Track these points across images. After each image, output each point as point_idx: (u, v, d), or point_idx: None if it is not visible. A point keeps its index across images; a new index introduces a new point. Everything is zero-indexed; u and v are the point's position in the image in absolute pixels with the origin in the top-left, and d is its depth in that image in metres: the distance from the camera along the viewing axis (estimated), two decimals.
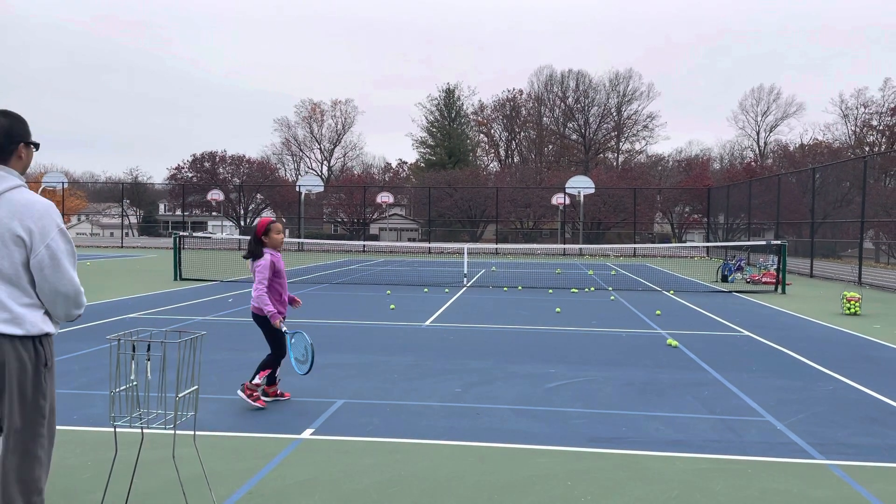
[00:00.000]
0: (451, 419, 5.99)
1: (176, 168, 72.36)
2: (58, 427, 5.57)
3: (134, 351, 3.28)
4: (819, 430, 5.81)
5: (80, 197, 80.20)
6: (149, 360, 3.27)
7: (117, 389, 3.28)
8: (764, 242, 20.85)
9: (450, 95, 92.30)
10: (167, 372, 3.64)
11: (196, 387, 3.41)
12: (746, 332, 11.16)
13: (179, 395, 3.28)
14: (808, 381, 7.68)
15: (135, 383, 3.37)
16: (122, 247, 43.13)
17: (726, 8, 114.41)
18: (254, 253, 6.28)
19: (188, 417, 3.60)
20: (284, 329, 6.16)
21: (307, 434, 5.48)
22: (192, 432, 4.51)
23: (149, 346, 3.34)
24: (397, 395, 6.81)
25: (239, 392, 6.25)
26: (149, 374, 3.21)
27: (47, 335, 3.07)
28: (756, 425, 5.94)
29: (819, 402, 6.79)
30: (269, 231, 6.33)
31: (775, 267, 21.21)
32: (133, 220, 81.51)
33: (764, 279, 20.43)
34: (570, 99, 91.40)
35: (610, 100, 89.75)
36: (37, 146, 3.22)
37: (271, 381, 6.42)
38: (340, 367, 8.07)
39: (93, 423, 5.73)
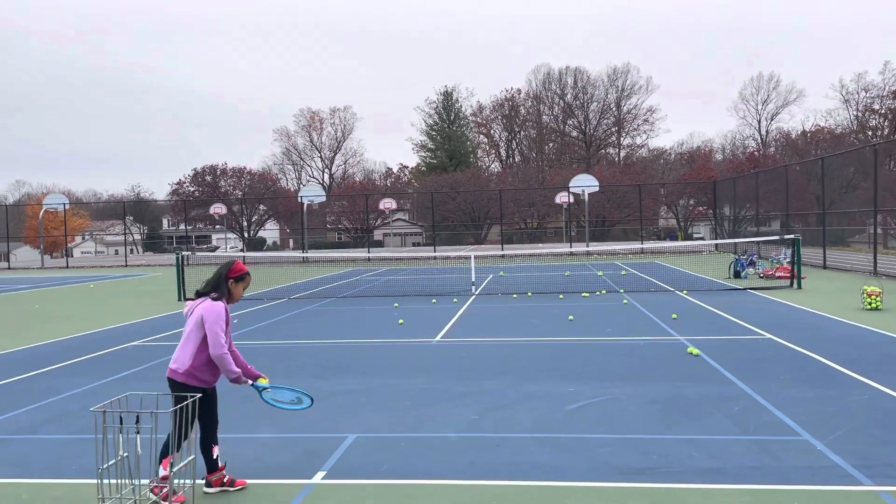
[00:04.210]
0: (470, 452, 5.65)
1: (178, 183, 72.25)
2: (53, 480, 5.27)
3: (122, 423, 2.95)
4: (862, 449, 5.45)
5: (82, 216, 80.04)
6: (138, 432, 2.95)
7: (105, 465, 2.96)
8: (777, 238, 20.44)
9: (448, 98, 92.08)
10: (158, 439, 3.31)
11: (192, 457, 3.08)
12: (768, 335, 10.80)
13: (175, 469, 2.95)
14: (840, 390, 7.32)
15: (125, 455, 3.05)
16: (126, 265, 42.90)
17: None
18: (216, 291, 4.89)
19: (187, 487, 3.27)
20: (251, 383, 4.82)
21: (319, 478, 5.14)
22: (191, 489, 4.16)
23: (137, 417, 3.02)
24: (411, 425, 6.48)
25: (149, 493, 4.40)
26: (139, 449, 2.89)
27: None
28: (794, 446, 5.59)
29: (856, 414, 6.43)
30: (242, 279, 5.00)
31: (788, 260, 20.82)
32: (137, 236, 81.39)
33: (777, 274, 20.03)
34: (568, 96, 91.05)
35: (609, 95, 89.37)
36: None
37: (213, 466, 4.76)
38: (350, 394, 7.74)
39: (93, 473, 5.37)
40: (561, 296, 17.33)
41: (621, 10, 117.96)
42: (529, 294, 17.99)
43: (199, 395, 3.72)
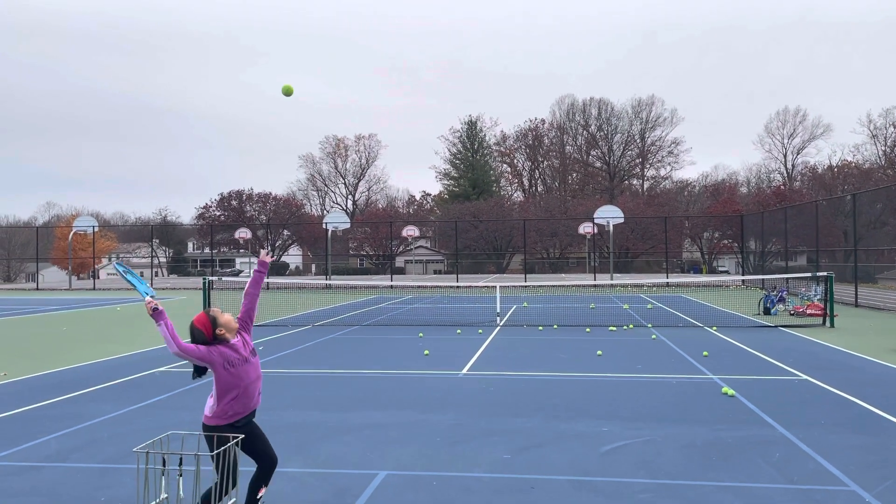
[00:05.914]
0: (504, 496, 5.51)
1: (204, 207, 73.18)
2: None
3: (165, 465, 2.90)
4: None
5: (110, 238, 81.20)
6: (181, 475, 2.89)
7: None
8: (809, 274, 20.09)
9: (472, 127, 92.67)
10: (201, 484, 3.24)
11: (234, 500, 3.01)
12: (804, 376, 10.53)
13: None
14: (885, 438, 7.07)
15: (166, 497, 2.99)
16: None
17: (749, 32, 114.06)
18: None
19: None
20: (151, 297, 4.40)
21: None
22: None
23: (181, 459, 2.96)
24: (442, 463, 6.35)
25: None
26: (181, 492, 2.83)
27: None
28: (842, 498, 5.37)
29: None
30: (216, 324, 4.44)
31: (819, 297, 20.47)
32: (162, 259, 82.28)
33: (809, 311, 19.65)
34: (592, 127, 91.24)
35: (633, 127, 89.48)
36: None
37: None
38: (379, 427, 7.64)
39: None
40: (588, 329, 17.11)
41: (647, 40, 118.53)
42: (556, 326, 17.80)
43: (242, 436, 3.59)
